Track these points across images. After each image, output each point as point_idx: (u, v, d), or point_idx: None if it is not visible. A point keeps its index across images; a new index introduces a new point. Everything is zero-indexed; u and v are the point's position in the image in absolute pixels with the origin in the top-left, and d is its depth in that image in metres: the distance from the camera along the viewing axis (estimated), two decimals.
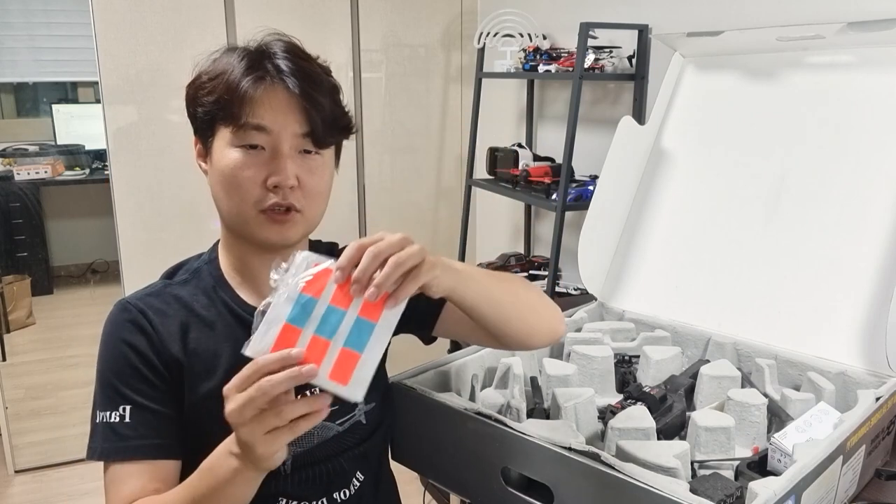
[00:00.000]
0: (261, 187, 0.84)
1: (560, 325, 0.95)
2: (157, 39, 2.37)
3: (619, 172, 1.46)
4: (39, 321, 4.03)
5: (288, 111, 0.83)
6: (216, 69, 0.85)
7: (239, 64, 0.84)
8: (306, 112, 0.83)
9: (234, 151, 0.84)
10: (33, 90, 4.67)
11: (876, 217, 1.15)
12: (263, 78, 0.83)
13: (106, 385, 0.86)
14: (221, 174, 0.85)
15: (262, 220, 0.85)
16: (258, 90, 0.82)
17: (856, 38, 1.21)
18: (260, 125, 0.82)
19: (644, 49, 1.94)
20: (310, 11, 2.61)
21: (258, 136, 0.83)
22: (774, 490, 0.76)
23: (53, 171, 4.22)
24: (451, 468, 1.00)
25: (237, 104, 0.82)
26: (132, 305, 0.88)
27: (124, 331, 0.86)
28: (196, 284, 0.92)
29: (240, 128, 0.83)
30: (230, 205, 0.86)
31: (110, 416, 0.84)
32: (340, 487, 0.95)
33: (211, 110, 0.84)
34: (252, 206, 0.84)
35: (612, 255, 1.48)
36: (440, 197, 3.01)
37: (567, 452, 0.84)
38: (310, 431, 0.89)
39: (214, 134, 0.86)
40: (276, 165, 0.83)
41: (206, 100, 0.84)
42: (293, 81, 0.83)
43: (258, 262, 0.91)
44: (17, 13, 4.41)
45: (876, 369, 1.08)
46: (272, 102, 0.82)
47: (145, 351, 0.85)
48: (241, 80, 0.82)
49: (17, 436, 2.71)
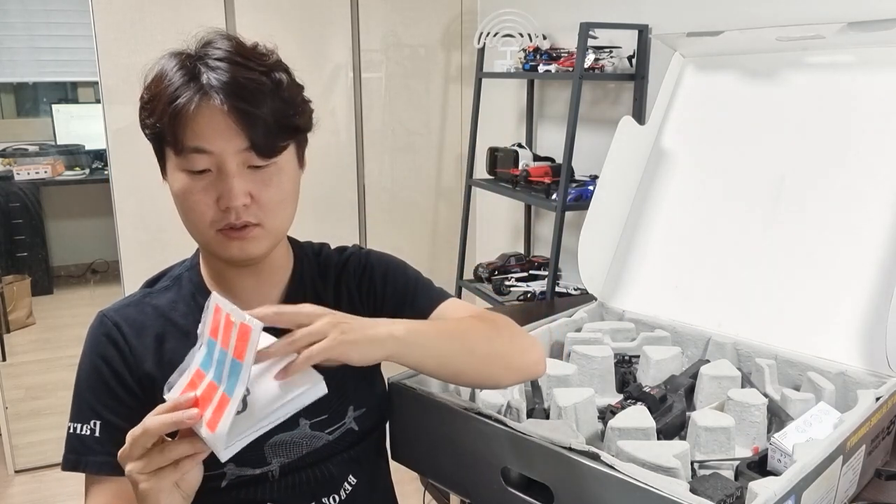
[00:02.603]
0: (213, 208, 0.81)
1: (537, 366, 0.91)
2: (157, 39, 2.36)
3: (619, 172, 1.46)
4: (39, 321, 4.03)
5: (225, 128, 0.79)
6: (153, 86, 0.82)
7: (173, 77, 0.80)
8: (244, 127, 0.79)
9: (182, 176, 0.82)
10: (33, 90, 4.67)
11: (876, 217, 1.15)
12: (196, 95, 0.78)
13: (80, 397, 0.87)
14: (176, 197, 0.84)
15: (220, 238, 0.83)
16: (191, 109, 0.78)
17: (856, 38, 1.21)
18: (199, 147, 0.79)
19: (644, 49, 1.94)
20: (310, 11, 2.61)
21: (200, 159, 0.80)
22: (774, 490, 0.76)
23: (53, 171, 4.22)
24: (451, 468, 1.00)
25: (176, 127, 0.79)
26: (108, 319, 0.88)
27: (99, 345, 0.87)
28: (177, 291, 0.92)
29: (181, 152, 0.80)
30: (189, 226, 0.85)
31: (81, 428, 0.85)
32: (330, 492, 0.94)
33: (155, 133, 0.82)
34: (209, 227, 0.83)
35: (612, 255, 1.48)
36: (440, 197, 3.01)
37: (567, 452, 0.84)
38: (297, 442, 0.89)
39: (164, 156, 0.84)
40: (223, 187, 0.80)
41: (149, 121, 0.82)
42: (223, 98, 0.78)
43: (233, 273, 0.90)
44: (17, 13, 4.40)
45: (876, 369, 1.08)
46: (209, 122, 0.79)
47: (118, 367, 0.86)
48: (174, 100, 0.79)
49: (17, 436, 2.71)
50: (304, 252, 0.99)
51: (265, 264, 0.91)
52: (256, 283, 0.92)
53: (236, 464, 0.87)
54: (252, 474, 0.88)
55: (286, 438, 0.89)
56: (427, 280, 1.02)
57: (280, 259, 0.95)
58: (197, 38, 0.84)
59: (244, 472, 0.88)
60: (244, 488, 0.88)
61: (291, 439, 0.90)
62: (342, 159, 2.77)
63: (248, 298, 0.90)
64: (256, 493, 0.89)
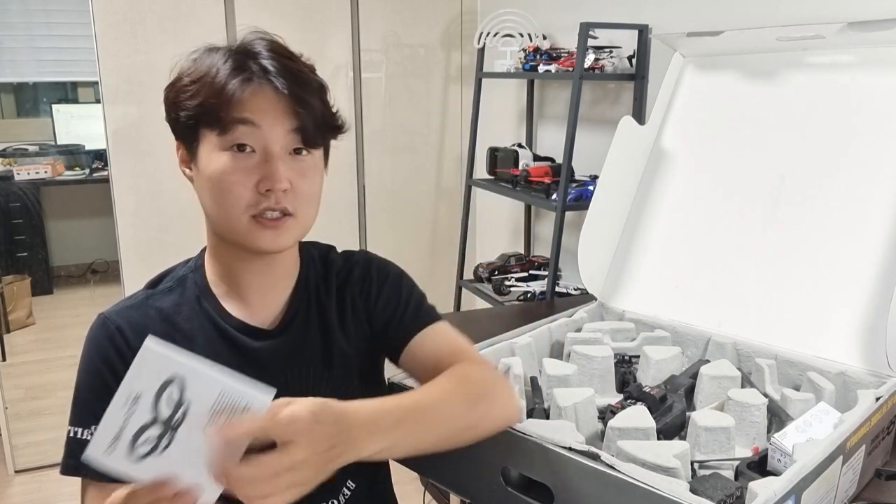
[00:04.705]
0: (252, 191, 0.80)
1: (512, 416, 0.88)
2: (157, 39, 2.37)
3: (619, 172, 1.46)
4: (39, 321, 4.03)
5: (277, 111, 0.80)
6: (198, 70, 0.81)
7: (224, 65, 0.80)
8: (296, 111, 0.81)
9: (223, 155, 0.80)
10: (33, 90, 4.67)
11: (876, 217, 1.15)
12: (250, 79, 0.79)
13: (80, 400, 0.85)
14: (209, 180, 0.81)
15: (253, 226, 0.82)
16: (245, 92, 0.79)
17: (856, 38, 1.21)
18: (248, 119, 0.79)
19: (644, 49, 1.94)
20: (310, 11, 2.61)
21: (246, 133, 0.79)
22: (774, 490, 0.76)
23: (53, 171, 4.22)
24: (451, 468, 1.00)
25: (223, 107, 0.79)
26: (111, 322, 0.86)
27: (101, 349, 0.85)
28: (181, 294, 0.89)
29: (226, 127, 0.79)
30: (219, 211, 0.83)
31: (81, 432, 0.84)
32: (328, 498, 0.94)
33: (195, 114, 0.81)
34: (243, 212, 0.81)
35: (612, 255, 1.48)
36: (440, 197, 3.01)
37: (567, 452, 0.84)
38: None
39: (199, 139, 0.82)
40: (267, 168, 0.80)
41: (190, 103, 0.81)
42: (281, 82, 0.80)
43: (246, 269, 0.88)
44: (17, 13, 4.41)
45: (876, 369, 1.08)
46: (260, 104, 0.79)
47: (120, 371, 0.81)
48: (226, 81, 0.79)
49: (17, 436, 2.71)
50: (311, 255, 0.98)
51: (276, 264, 0.90)
52: (263, 284, 0.90)
53: None
54: None
55: None
56: (420, 296, 0.99)
57: (290, 260, 0.94)
58: (237, 38, 0.85)
59: None
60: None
61: None
62: (342, 159, 2.77)
63: (253, 300, 0.90)
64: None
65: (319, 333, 0.93)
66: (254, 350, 0.88)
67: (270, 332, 0.90)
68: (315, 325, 0.93)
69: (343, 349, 0.94)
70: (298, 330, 0.91)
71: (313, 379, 0.91)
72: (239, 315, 0.89)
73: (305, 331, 0.92)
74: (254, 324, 0.89)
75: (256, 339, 0.89)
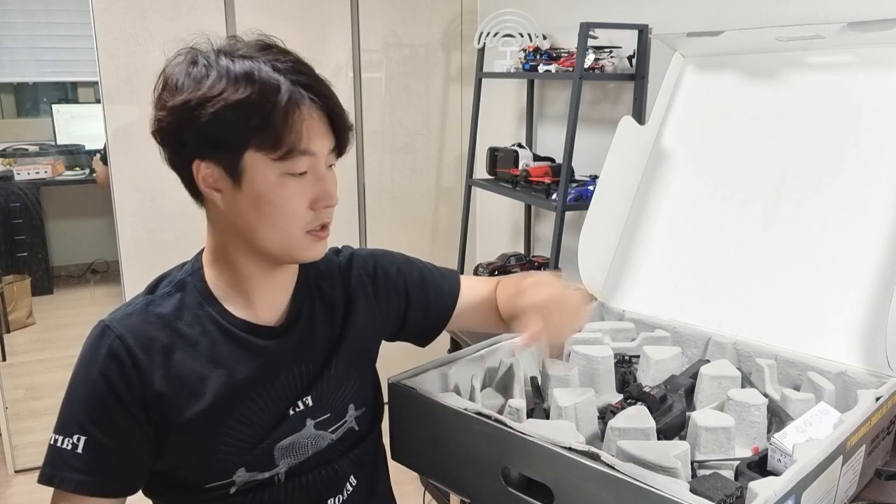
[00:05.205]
0: (307, 209, 0.83)
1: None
2: (157, 39, 2.37)
3: (619, 172, 1.46)
4: (39, 321, 4.03)
5: (323, 132, 0.82)
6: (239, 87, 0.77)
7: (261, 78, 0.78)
8: (335, 129, 0.84)
9: (280, 179, 0.80)
10: (33, 90, 4.67)
11: (876, 217, 1.15)
12: (299, 103, 0.79)
13: (68, 409, 0.83)
14: (261, 199, 0.80)
15: (308, 240, 0.85)
16: (296, 115, 0.79)
17: (856, 38, 1.21)
18: (307, 150, 0.80)
19: (644, 49, 1.94)
20: (310, 11, 2.61)
21: (303, 161, 0.81)
22: (774, 490, 0.76)
23: (53, 171, 4.22)
24: (451, 468, 1.00)
25: (286, 131, 0.78)
26: (113, 332, 0.83)
27: (99, 359, 0.82)
28: (180, 298, 0.88)
29: (287, 155, 0.79)
30: (274, 231, 0.82)
31: (63, 441, 0.81)
32: (334, 493, 0.95)
33: (239, 136, 0.78)
34: (301, 229, 0.83)
35: (612, 255, 1.48)
36: (440, 197, 3.01)
37: (567, 452, 0.84)
38: (304, 444, 0.90)
39: (242, 158, 0.79)
40: (321, 188, 0.83)
41: (233, 122, 0.77)
42: (325, 103, 0.82)
43: (260, 274, 0.88)
44: (17, 13, 4.40)
45: (876, 369, 1.08)
46: (311, 124, 0.80)
47: (118, 387, 0.81)
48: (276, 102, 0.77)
49: (17, 436, 2.71)
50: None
51: (287, 267, 0.92)
52: (270, 287, 0.91)
53: (247, 468, 0.87)
54: (261, 479, 0.88)
55: (294, 440, 0.90)
56: (430, 263, 1.09)
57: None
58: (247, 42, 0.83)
59: (254, 476, 0.88)
60: (252, 493, 0.88)
61: (298, 440, 0.90)
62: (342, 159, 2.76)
63: (259, 302, 0.90)
64: (264, 496, 0.89)
65: (325, 329, 0.95)
66: (262, 348, 0.89)
67: (277, 330, 0.91)
68: (321, 321, 0.95)
69: (350, 344, 0.96)
70: (305, 326, 0.93)
71: (320, 372, 0.93)
72: (243, 316, 0.89)
73: (311, 327, 0.93)
74: (259, 323, 0.90)
75: (264, 338, 0.89)
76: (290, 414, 0.90)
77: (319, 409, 0.92)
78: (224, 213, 0.83)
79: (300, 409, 0.91)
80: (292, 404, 0.90)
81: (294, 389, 0.90)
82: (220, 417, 0.85)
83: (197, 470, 0.86)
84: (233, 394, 0.85)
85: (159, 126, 0.82)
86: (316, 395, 0.92)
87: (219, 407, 0.84)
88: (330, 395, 0.93)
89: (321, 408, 0.92)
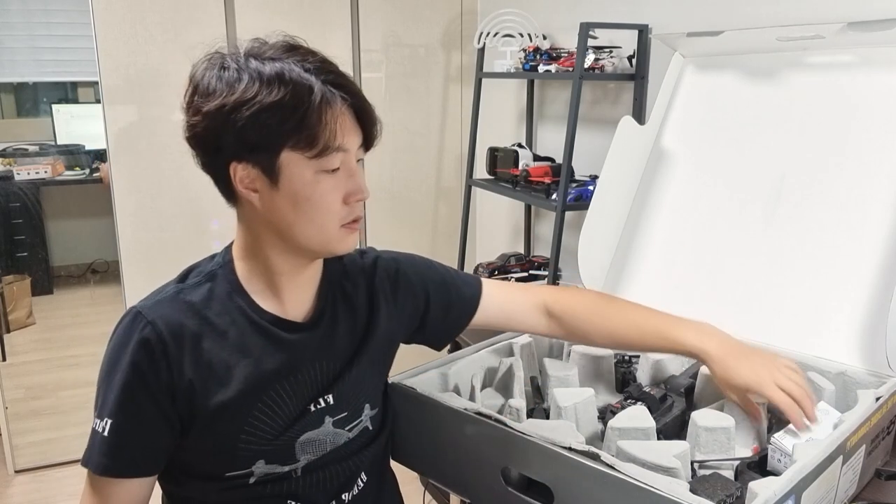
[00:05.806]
0: (341, 204, 0.86)
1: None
2: (157, 39, 2.36)
3: (619, 172, 1.46)
4: (39, 321, 4.03)
5: (353, 128, 0.85)
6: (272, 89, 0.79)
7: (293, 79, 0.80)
8: (364, 126, 0.86)
9: (315, 176, 0.83)
10: (33, 90, 4.67)
11: (876, 217, 1.15)
12: (330, 101, 0.81)
13: (102, 393, 0.85)
14: (299, 196, 0.83)
15: (344, 234, 0.87)
16: (329, 113, 0.81)
17: (856, 38, 1.21)
18: (342, 147, 0.83)
19: (644, 49, 1.94)
20: (310, 11, 2.61)
21: (337, 157, 0.83)
22: (774, 490, 0.76)
23: (53, 171, 4.22)
24: (451, 468, 1.00)
25: (321, 129, 0.81)
26: (145, 318, 0.85)
27: (130, 349, 0.83)
28: (210, 288, 0.89)
29: (323, 152, 0.82)
30: (312, 227, 0.85)
31: (97, 424, 0.85)
32: (347, 489, 0.97)
33: (275, 137, 0.80)
34: (337, 224, 0.86)
35: (612, 255, 1.48)
36: (440, 197, 3.01)
37: (567, 452, 0.84)
38: (322, 440, 0.92)
39: (278, 158, 0.81)
40: (353, 183, 0.85)
41: (270, 124, 0.79)
42: (354, 100, 0.84)
43: (290, 268, 0.90)
44: (17, 13, 4.40)
45: (876, 369, 1.08)
46: (344, 122, 0.83)
47: (148, 376, 0.83)
48: (310, 102, 0.80)
49: (17, 436, 2.71)
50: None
51: (315, 262, 0.94)
52: (299, 281, 0.93)
53: (266, 461, 0.89)
54: (280, 472, 0.90)
55: (313, 436, 0.92)
56: (451, 268, 1.09)
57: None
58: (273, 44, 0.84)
59: (273, 469, 0.89)
60: (270, 484, 0.90)
61: (318, 437, 0.92)
62: None
63: (288, 297, 0.92)
64: (281, 488, 0.91)
65: (348, 328, 0.97)
66: (289, 341, 0.91)
67: (303, 325, 0.93)
68: (343, 320, 0.97)
69: (372, 345, 0.98)
70: (328, 323, 0.95)
71: (341, 372, 0.94)
72: (271, 310, 0.91)
73: (335, 324, 0.95)
74: (286, 318, 0.92)
75: (290, 331, 0.91)
76: (311, 410, 0.91)
77: (338, 407, 0.94)
78: (261, 211, 0.85)
79: (321, 406, 0.92)
80: (313, 401, 0.92)
81: (316, 386, 0.92)
82: (245, 407, 0.87)
83: (218, 458, 0.88)
84: (258, 384, 0.87)
85: (193, 132, 0.83)
86: (336, 394, 0.93)
87: (244, 396, 0.86)
88: (349, 394, 0.95)
89: (340, 406, 0.94)
